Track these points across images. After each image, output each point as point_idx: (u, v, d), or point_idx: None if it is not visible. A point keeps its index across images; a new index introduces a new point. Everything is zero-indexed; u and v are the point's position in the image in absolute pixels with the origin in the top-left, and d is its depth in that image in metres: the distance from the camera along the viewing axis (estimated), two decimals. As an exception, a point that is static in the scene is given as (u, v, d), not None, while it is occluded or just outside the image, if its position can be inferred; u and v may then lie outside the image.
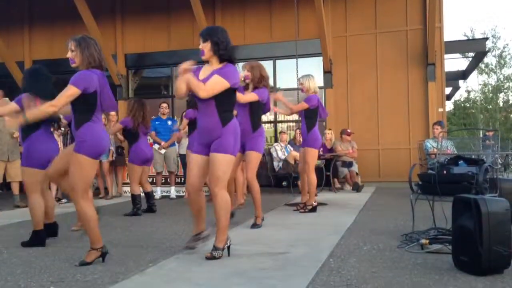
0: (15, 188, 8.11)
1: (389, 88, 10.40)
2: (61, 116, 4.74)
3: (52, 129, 4.65)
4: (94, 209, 3.64)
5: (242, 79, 5.13)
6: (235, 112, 4.34)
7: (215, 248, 3.65)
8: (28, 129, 4.32)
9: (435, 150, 7.83)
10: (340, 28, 10.67)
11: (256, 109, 5.18)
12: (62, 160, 3.81)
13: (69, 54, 3.72)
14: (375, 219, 5.58)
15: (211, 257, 3.59)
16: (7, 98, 7.83)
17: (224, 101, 3.67)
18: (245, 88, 5.27)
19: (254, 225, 5.09)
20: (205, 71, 3.78)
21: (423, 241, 3.75)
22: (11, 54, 11.65)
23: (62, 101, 3.55)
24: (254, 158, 5.11)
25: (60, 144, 7.48)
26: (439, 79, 10.20)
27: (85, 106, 3.58)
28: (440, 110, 10.23)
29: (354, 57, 10.59)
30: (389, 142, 10.32)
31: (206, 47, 3.70)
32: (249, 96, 5.12)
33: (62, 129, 7.23)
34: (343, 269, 3.26)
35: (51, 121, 4.48)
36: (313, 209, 6.19)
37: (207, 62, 3.79)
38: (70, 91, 3.52)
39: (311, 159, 6.17)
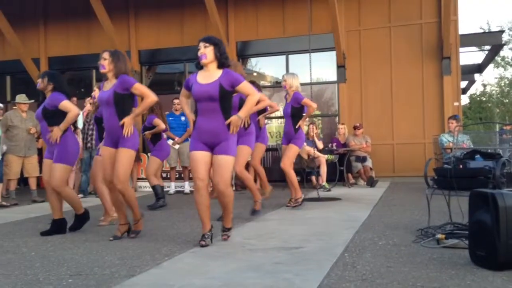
0: (33, 183, 8.24)
1: (404, 82, 10.31)
2: (81, 115, 4.98)
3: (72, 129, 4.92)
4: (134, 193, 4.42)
5: None
6: None
7: (226, 229, 4.10)
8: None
9: (451, 144, 7.76)
10: (353, 22, 10.60)
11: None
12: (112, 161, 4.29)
13: (102, 61, 4.33)
14: (390, 214, 5.56)
15: (228, 238, 4.07)
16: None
17: (228, 105, 3.91)
18: None
19: (254, 211, 5.42)
20: (205, 76, 3.92)
21: (439, 236, 3.73)
22: (27, 51, 11.79)
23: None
24: (244, 152, 5.33)
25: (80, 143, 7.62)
26: (455, 73, 10.08)
27: (128, 106, 4.27)
28: (456, 104, 10.12)
29: (368, 51, 10.51)
30: (403, 137, 10.25)
31: (209, 52, 3.90)
32: (261, 104, 5.39)
33: (79, 128, 7.39)
34: (358, 263, 3.26)
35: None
36: (301, 202, 6.19)
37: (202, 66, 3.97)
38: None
39: (293, 155, 6.21)
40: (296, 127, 6.13)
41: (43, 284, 2.98)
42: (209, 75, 3.89)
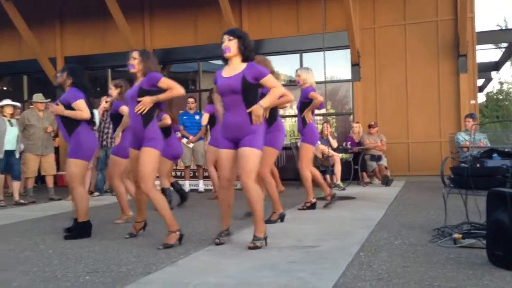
0: (50, 182, 8.35)
1: (419, 80, 10.21)
2: (96, 113, 4.93)
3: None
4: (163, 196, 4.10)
5: None
6: None
7: (256, 238, 3.76)
8: (73, 124, 4.56)
9: (467, 143, 7.67)
10: (368, 20, 10.52)
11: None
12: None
13: (131, 61, 4.19)
14: (405, 213, 5.52)
15: (254, 247, 3.70)
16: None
17: (253, 98, 3.78)
18: None
19: (268, 221, 4.85)
20: (229, 71, 3.86)
21: (456, 235, 3.69)
22: (43, 50, 11.93)
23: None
24: (269, 154, 4.93)
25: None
26: (471, 71, 9.95)
27: (153, 106, 4.08)
28: (472, 102, 9.99)
29: (383, 49, 10.44)
30: (419, 135, 10.15)
31: (233, 45, 3.81)
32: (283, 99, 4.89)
33: (97, 125, 7.48)
34: (374, 263, 3.24)
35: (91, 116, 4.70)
36: (312, 206, 5.91)
37: (227, 60, 3.87)
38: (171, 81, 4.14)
39: (306, 154, 5.87)
40: (302, 116, 5.81)
41: (61, 281, 3.02)
42: (233, 69, 3.83)
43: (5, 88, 13.68)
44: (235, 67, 3.82)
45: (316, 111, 6.29)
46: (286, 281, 2.85)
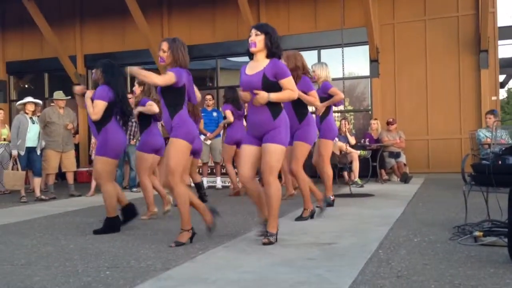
0: (70, 178, 8.48)
1: (439, 76, 10.08)
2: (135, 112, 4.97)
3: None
4: (188, 193, 3.95)
5: None
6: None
7: (270, 234, 3.77)
8: (101, 121, 4.54)
9: (489, 140, 7.55)
10: (387, 15, 10.42)
11: (298, 100, 4.79)
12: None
13: (161, 54, 3.96)
14: (425, 210, 5.46)
15: (268, 242, 3.71)
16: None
17: (273, 92, 3.74)
18: None
19: (300, 218, 4.96)
20: (252, 67, 3.83)
21: (477, 233, 3.64)
22: (63, 49, 12.11)
23: (166, 79, 3.82)
24: (301, 149, 4.92)
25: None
26: (492, 67, 9.79)
27: (177, 99, 3.90)
28: (494, 98, 9.83)
29: (402, 45, 10.32)
30: (439, 132, 10.03)
31: (260, 40, 3.76)
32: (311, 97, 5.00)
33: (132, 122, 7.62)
34: (393, 260, 3.21)
35: (122, 114, 4.66)
36: (330, 204, 5.77)
37: (252, 55, 3.82)
38: (168, 77, 3.82)
39: (325, 151, 5.74)
40: (317, 113, 5.71)
41: (82, 275, 3.07)
42: (256, 66, 3.81)
43: (26, 86, 13.93)
44: (259, 64, 3.80)
45: (334, 108, 6.20)
46: (304, 278, 2.85)
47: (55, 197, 7.92)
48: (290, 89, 3.76)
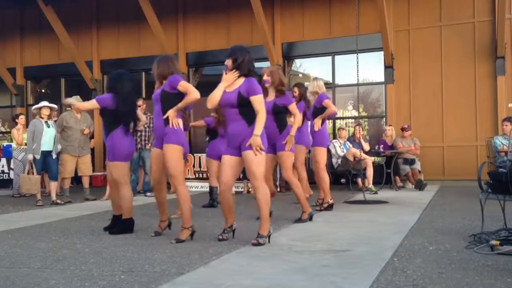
0: (86, 182, 8.54)
1: (455, 83, 9.98)
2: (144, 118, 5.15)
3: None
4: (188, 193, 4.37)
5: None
6: None
7: (260, 236, 4.02)
8: (109, 127, 4.81)
9: (505, 147, 7.45)
10: (402, 21, 10.36)
11: (279, 112, 5.31)
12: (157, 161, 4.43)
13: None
14: (440, 218, 5.40)
15: (257, 244, 3.95)
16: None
17: (249, 110, 4.04)
18: (265, 92, 5.12)
19: (299, 220, 5.26)
20: (230, 85, 4.13)
21: (494, 242, 3.59)
22: (80, 54, 12.27)
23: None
24: (285, 158, 5.33)
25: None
26: (509, 73, 9.66)
27: (174, 105, 4.33)
28: (510, 105, 9.69)
29: (417, 51, 10.25)
30: (454, 139, 9.92)
31: (229, 65, 4.13)
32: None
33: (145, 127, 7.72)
34: (409, 268, 3.19)
35: (130, 120, 4.88)
36: (329, 207, 6.16)
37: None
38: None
39: (320, 157, 6.17)
40: (314, 125, 6.16)
41: (97, 279, 3.10)
42: (233, 84, 4.13)
43: (43, 91, 14.13)
44: (236, 82, 4.12)
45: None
46: (318, 285, 2.84)
47: (70, 201, 7.99)
48: (257, 109, 4.02)
